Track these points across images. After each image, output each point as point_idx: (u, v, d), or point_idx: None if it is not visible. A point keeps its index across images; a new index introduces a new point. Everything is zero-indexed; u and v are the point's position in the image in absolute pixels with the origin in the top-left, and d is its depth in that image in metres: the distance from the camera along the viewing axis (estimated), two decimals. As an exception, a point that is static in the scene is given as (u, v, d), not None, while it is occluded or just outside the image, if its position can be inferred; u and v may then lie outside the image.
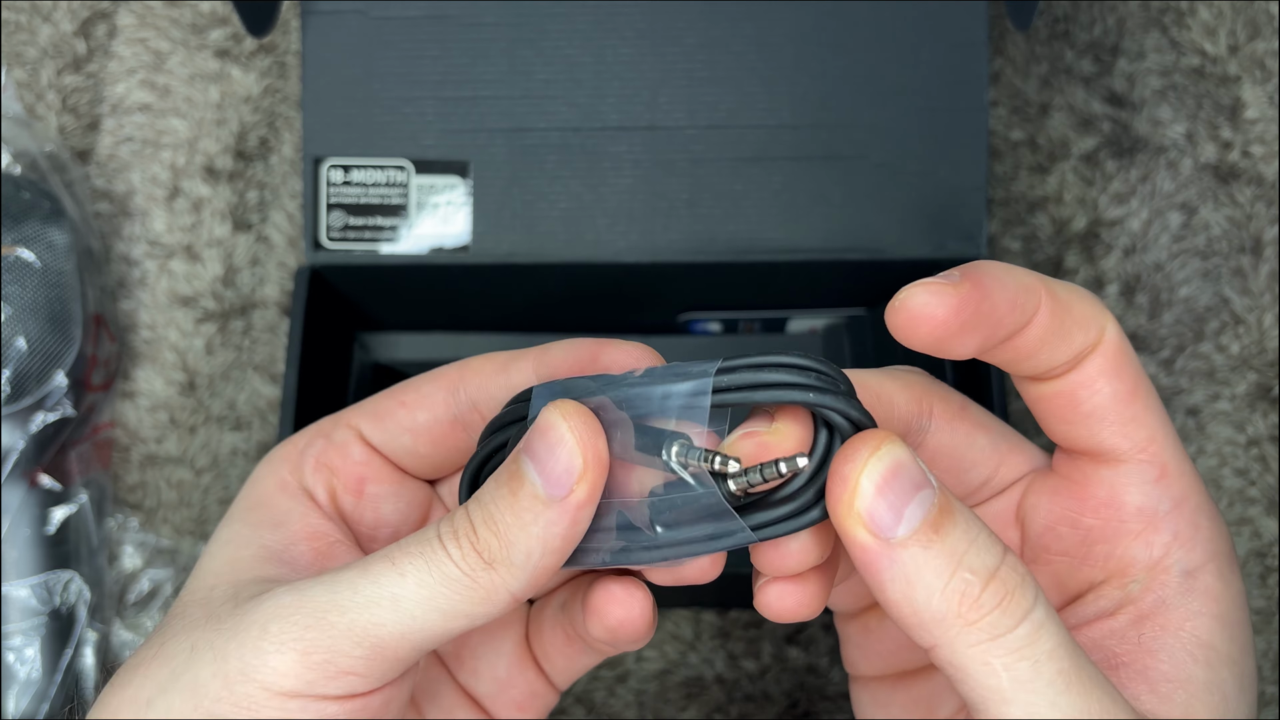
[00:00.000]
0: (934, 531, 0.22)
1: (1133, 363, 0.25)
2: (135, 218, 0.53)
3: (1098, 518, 0.26)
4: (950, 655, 0.22)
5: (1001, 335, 0.24)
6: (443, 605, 0.23)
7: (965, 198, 0.45)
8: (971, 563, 0.22)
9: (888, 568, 0.22)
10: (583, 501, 0.23)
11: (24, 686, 0.45)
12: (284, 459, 0.28)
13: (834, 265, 0.45)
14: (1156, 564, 0.25)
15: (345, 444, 0.28)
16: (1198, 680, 0.24)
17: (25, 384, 0.46)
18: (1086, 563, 0.26)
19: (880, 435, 0.22)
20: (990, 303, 0.23)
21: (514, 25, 0.45)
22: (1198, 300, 0.51)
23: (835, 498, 0.22)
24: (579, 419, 0.23)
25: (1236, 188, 0.52)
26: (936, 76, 0.45)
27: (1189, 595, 0.25)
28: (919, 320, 0.23)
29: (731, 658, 0.48)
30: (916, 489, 0.22)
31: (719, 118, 0.45)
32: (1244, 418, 0.50)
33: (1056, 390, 0.25)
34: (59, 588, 0.46)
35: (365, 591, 0.23)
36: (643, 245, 0.45)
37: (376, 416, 0.28)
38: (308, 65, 0.45)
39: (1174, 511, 0.25)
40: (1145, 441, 0.25)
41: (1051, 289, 0.24)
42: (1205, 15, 0.54)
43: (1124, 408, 0.25)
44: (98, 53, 0.55)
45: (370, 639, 0.23)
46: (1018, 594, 0.22)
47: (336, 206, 0.46)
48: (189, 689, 0.23)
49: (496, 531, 0.23)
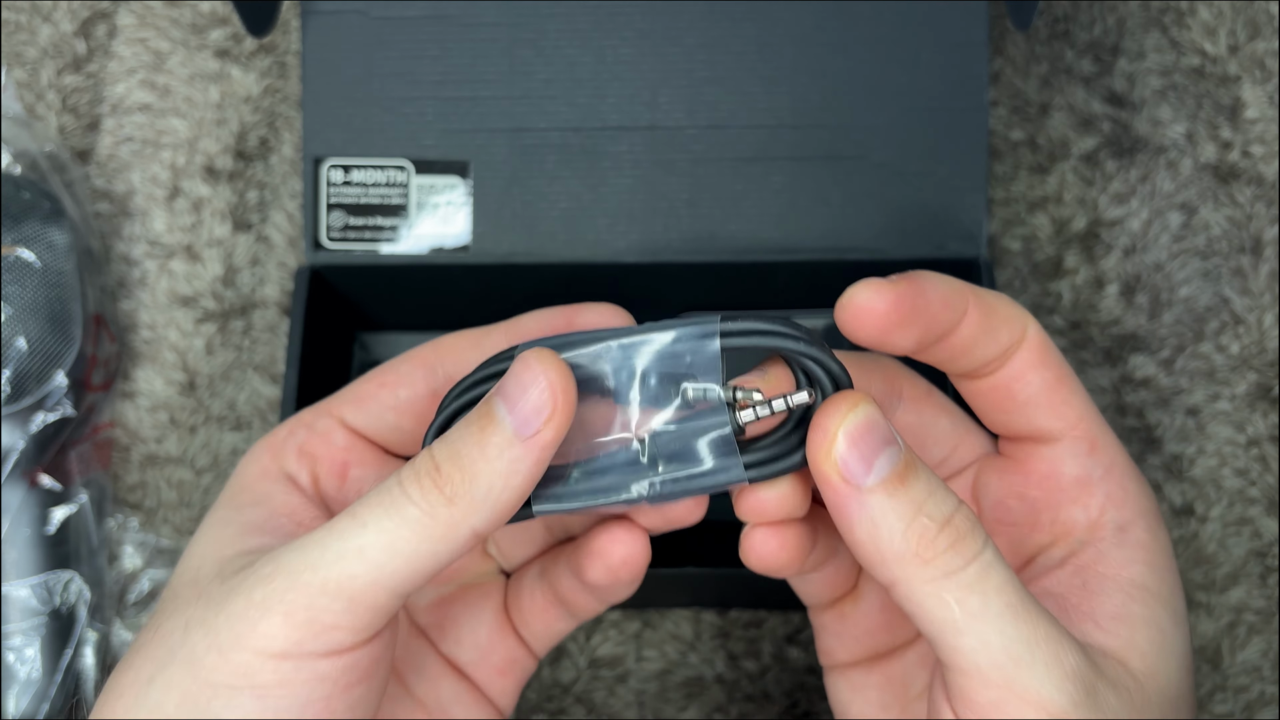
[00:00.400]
0: (899, 481, 0.24)
1: (1055, 353, 0.29)
2: (135, 218, 0.53)
3: (1041, 490, 0.29)
4: (908, 591, 0.25)
5: (937, 331, 0.27)
6: (405, 548, 0.24)
7: (965, 198, 0.45)
8: (930, 510, 0.24)
9: (856, 510, 0.24)
10: (548, 441, 0.24)
11: (24, 686, 0.45)
12: (266, 448, 0.30)
13: (834, 265, 0.45)
14: (1094, 523, 0.28)
15: (328, 432, 0.30)
16: (1136, 616, 0.27)
17: (25, 384, 0.46)
18: (1035, 529, 0.29)
19: (856, 395, 0.25)
20: (924, 300, 0.26)
21: (514, 25, 0.45)
22: (1198, 300, 0.51)
23: (815, 445, 0.25)
24: (551, 363, 0.24)
25: (1236, 188, 0.52)
26: (936, 76, 0.45)
27: (1123, 546, 0.28)
28: (862, 314, 0.26)
29: (731, 658, 0.48)
30: (885, 444, 0.25)
31: (719, 118, 0.45)
32: (1244, 418, 0.50)
33: (991, 385, 0.29)
34: (59, 588, 0.46)
35: (333, 547, 0.24)
36: (643, 245, 0.45)
37: (358, 401, 0.30)
38: (308, 65, 0.46)
39: (1105, 477, 0.29)
40: (1075, 420, 0.29)
41: (977, 293, 0.28)
42: (1205, 15, 0.54)
43: (1053, 394, 0.28)
44: (98, 53, 0.55)
45: (345, 592, 0.24)
46: (969, 537, 0.24)
47: (336, 206, 0.46)
48: (186, 663, 0.24)
49: (461, 466, 0.24)
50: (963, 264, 0.45)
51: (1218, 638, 0.47)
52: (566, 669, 0.48)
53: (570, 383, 0.24)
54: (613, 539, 0.28)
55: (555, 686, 0.47)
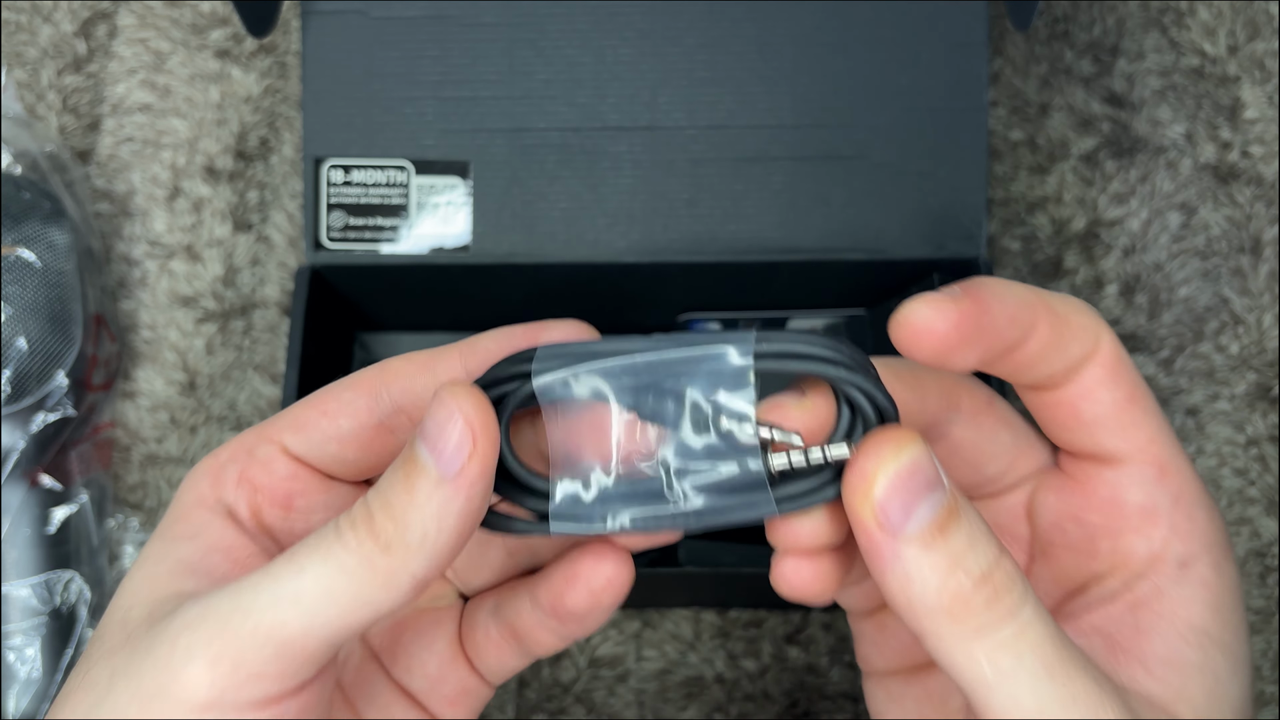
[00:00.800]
0: (939, 532, 0.23)
1: (1129, 369, 0.26)
2: (135, 218, 0.53)
3: (1101, 515, 0.27)
4: (937, 645, 0.23)
5: (1001, 349, 0.25)
6: (342, 597, 0.23)
7: (965, 198, 0.45)
8: (968, 564, 0.23)
9: (891, 559, 0.23)
10: (474, 478, 0.23)
11: (24, 686, 0.45)
12: (204, 473, 0.28)
13: (834, 265, 0.45)
14: (1155, 555, 0.26)
15: (269, 460, 0.28)
16: (1190, 662, 0.25)
17: (26, 384, 0.46)
18: (1090, 556, 0.27)
19: (903, 434, 0.23)
20: (989, 317, 0.24)
21: (514, 25, 0.45)
22: (1197, 300, 0.51)
23: (852, 487, 0.23)
24: (465, 397, 0.23)
25: (1236, 188, 0.52)
26: (936, 76, 0.45)
27: (1183, 584, 0.26)
28: (921, 335, 0.24)
29: (731, 657, 0.48)
30: (929, 489, 0.23)
31: (719, 118, 0.46)
32: (1243, 418, 0.50)
33: (1058, 400, 0.27)
34: (59, 587, 0.46)
35: (268, 592, 0.23)
36: (643, 245, 0.45)
37: (299, 427, 0.28)
38: (308, 65, 0.46)
39: (1172, 507, 0.26)
40: (1145, 444, 0.26)
41: (1049, 303, 0.25)
42: (1205, 15, 0.54)
43: (1123, 414, 0.26)
44: (98, 53, 0.55)
45: (275, 639, 0.23)
46: (1005, 595, 0.23)
47: (337, 206, 0.46)
48: (111, 713, 0.23)
49: (391, 515, 0.23)
50: (962, 264, 0.45)
51: (1217, 637, 0.47)
52: (566, 669, 0.48)
53: (488, 415, 0.23)
54: (598, 559, 0.27)
55: (555, 686, 0.47)
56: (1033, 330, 0.25)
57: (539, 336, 0.27)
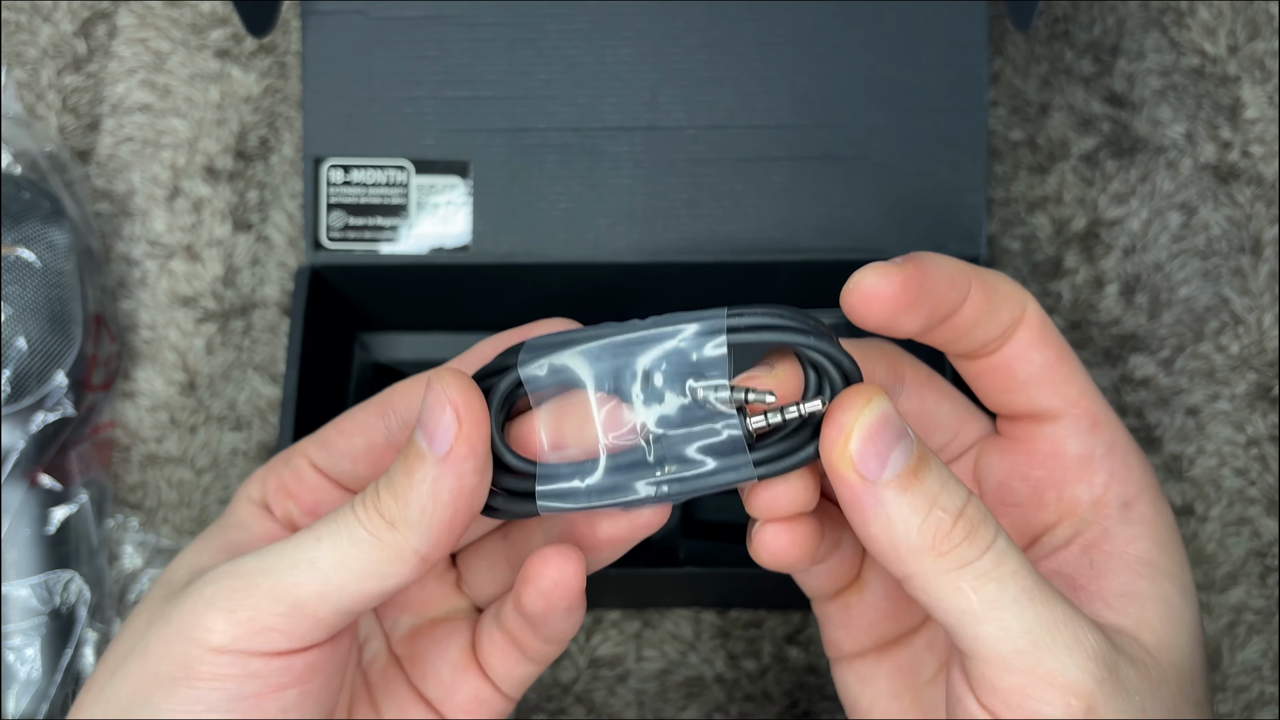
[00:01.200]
0: (913, 476, 0.25)
1: (1055, 332, 0.29)
2: (135, 218, 0.53)
3: (1044, 468, 0.29)
4: (924, 584, 0.25)
5: (942, 312, 0.27)
6: (354, 565, 0.26)
7: (965, 198, 0.45)
8: (943, 502, 0.25)
9: (871, 506, 0.25)
10: (463, 455, 0.25)
11: (24, 686, 0.45)
12: (256, 480, 0.32)
13: (834, 265, 0.45)
14: (1098, 500, 0.29)
15: (300, 471, 0.31)
16: (1145, 593, 0.27)
17: (25, 384, 0.46)
18: (1039, 508, 0.30)
19: (870, 389, 0.25)
20: (930, 282, 0.26)
21: (514, 25, 0.45)
22: (1197, 300, 0.51)
23: (830, 442, 0.25)
24: (452, 382, 0.25)
25: (1236, 188, 0.52)
26: (936, 76, 0.45)
27: (1128, 523, 0.28)
28: (871, 299, 0.26)
29: (731, 657, 0.48)
30: (898, 439, 0.25)
31: (719, 118, 0.46)
32: (1244, 418, 0.50)
33: (992, 365, 0.29)
34: (59, 588, 0.46)
35: (288, 556, 0.26)
36: (643, 245, 0.45)
37: (322, 445, 0.31)
38: (308, 65, 0.46)
39: (1108, 454, 0.29)
40: (1076, 397, 0.29)
41: (979, 272, 0.28)
42: (1205, 15, 0.54)
43: (1054, 372, 0.29)
44: (98, 53, 0.55)
45: (290, 598, 0.26)
46: (981, 528, 0.25)
47: (337, 206, 0.46)
48: (142, 654, 0.27)
49: (395, 494, 0.26)
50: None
51: (1218, 638, 0.47)
52: (566, 669, 0.48)
53: (473, 397, 0.25)
54: (544, 562, 0.28)
55: (555, 686, 0.47)
56: (966, 297, 0.27)
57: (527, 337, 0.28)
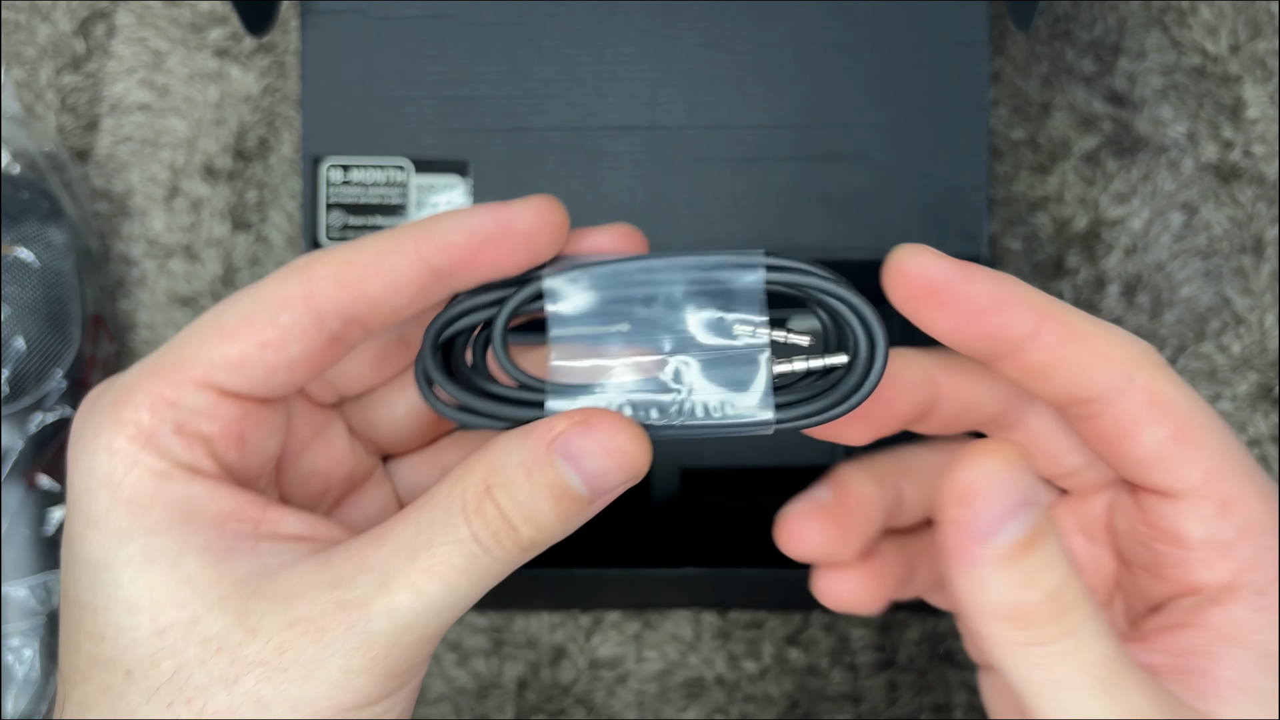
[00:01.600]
0: (1022, 550, 0.23)
1: (1177, 404, 0.25)
2: (134, 217, 0.53)
3: (1166, 544, 0.27)
4: (994, 648, 0.23)
5: (989, 333, 0.25)
6: (484, 586, 0.24)
7: (966, 198, 0.45)
8: (1040, 581, 0.23)
9: (967, 566, 0.23)
10: (619, 491, 0.24)
11: (23, 686, 0.45)
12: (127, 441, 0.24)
13: (834, 265, 0.45)
14: (1225, 586, 0.26)
15: (211, 407, 0.24)
16: (1261, 689, 0.25)
17: (24, 384, 0.46)
18: (1161, 579, 0.27)
19: (1008, 450, 0.23)
20: (968, 287, 0.25)
21: (514, 25, 0.45)
22: (1199, 300, 0.51)
23: (947, 492, 0.23)
24: (626, 435, 0.24)
25: (1238, 187, 0.52)
26: (936, 76, 0.45)
27: (1258, 610, 0.26)
28: (893, 274, 0.25)
29: (732, 658, 0.47)
30: (1020, 508, 0.23)
31: (719, 118, 0.45)
32: (1245, 418, 0.50)
33: (1097, 433, 0.26)
34: (58, 588, 0.46)
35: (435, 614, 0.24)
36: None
37: (236, 366, 0.24)
38: (307, 65, 0.45)
39: (1239, 540, 0.26)
40: (1201, 481, 0.26)
41: (1066, 318, 0.25)
42: (1206, 14, 0.54)
43: (1172, 453, 0.26)
44: (96, 52, 0.55)
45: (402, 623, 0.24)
46: (1069, 612, 0.23)
47: (336, 206, 0.46)
48: None
49: (538, 528, 0.24)
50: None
51: (1218, 638, 0.47)
52: (566, 669, 0.47)
53: (645, 446, 0.24)
54: None
55: (555, 687, 0.47)
56: (1035, 334, 0.25)
57: (509, 219, 0.26)
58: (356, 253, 0.25)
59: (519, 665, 0.48)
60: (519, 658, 0.48)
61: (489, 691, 0.48)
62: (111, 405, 0.24)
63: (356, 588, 0.23)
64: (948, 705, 0.47)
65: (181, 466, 0.24)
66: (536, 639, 0.48)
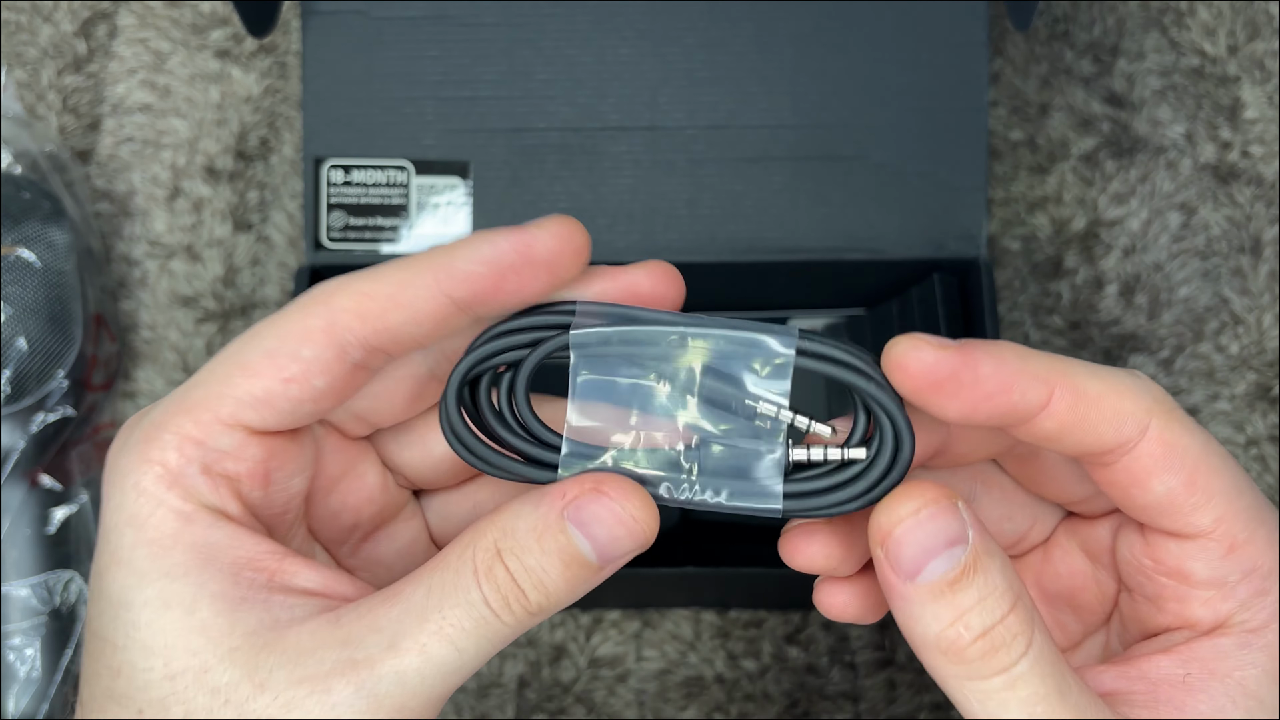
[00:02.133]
0: (948, 587, 0.23)
1: (1188, 450, 0.25)
2: (135, 218, 0.53)
3: (1169, 579, 0.27)
4: (934, 674, 0.24)
5: (1003, 412, 0.25)
6: (492, 650, 0.24)
7: (965, 198, 0.45)
8: (969, 619, 0.23)
9: (898, 599, 0.24)
10: (628, 559, 0.24)
11: (24, 686, 0.45)
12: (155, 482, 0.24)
13: (834, 265, 0.45)
14: (1221, 622, 0.26)
15: (238, 448, 0.25)
16: None
17: (26, 384, 0.46)
18: (1160, 610, 0.27)
19: (930, 491, 0.24)
20: (974, 373, 0.24)
21: (514, 25, 0.45)
22: (1197, 300, 0.51)
23: (874, 527, 0.24)
24: (637, 505, 0.24)
25: (1236, 188, 0.52)
26: (936, 76, 0.45)
27: (1246, 648, 0.26)
28: (896, 369, 0.24)
29: (731, 657, 0.48)
30: (949, 545, 0.23)
31: (719, 118, 0.46)
32: (1243, 418, 0.50)
33: (1109, 479, 0.26)
34: (59, 587, 0.46)
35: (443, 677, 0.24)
36: (643, 245, 0.45)
37: (262, 403, 0.25)
38: (308, 65, 0.46)
39: (1242, 581, 0.26)
40: (1210, 525, 0.26)
41: (1074, 380, 0.25)
42: (1205, 16, 0.54)
43: (1183, 500, 0.26)
44: (98, 53, 0.55)
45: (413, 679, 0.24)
46: (1002, 650, 0.24)
47: (337, 207, 0.46)
48: None
49: (547, 594, 0.24)
50: (962, 264, 0.45)
51: (1217, 637, 0.47)
52: (566, 669, 0.48)
53: (654, 516, 0.24)
54: None
55: (555, 686, 0.47)
56: (1045, 404, 0.25)
57: (529, 246, 0.24)
58: (376, 284, 0.25)
59: (519, 664, 0.48)
60: (519, 656, 0.48)
61: (489, 690, 0.48)
62: (141, 443, 0.25)
63: (365, 648, 0.23)
64: (947, 704, 0.47)
65: (206, 508, 0.25)
66: (536, 638, 0.48)
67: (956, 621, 0.23)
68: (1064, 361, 0.25)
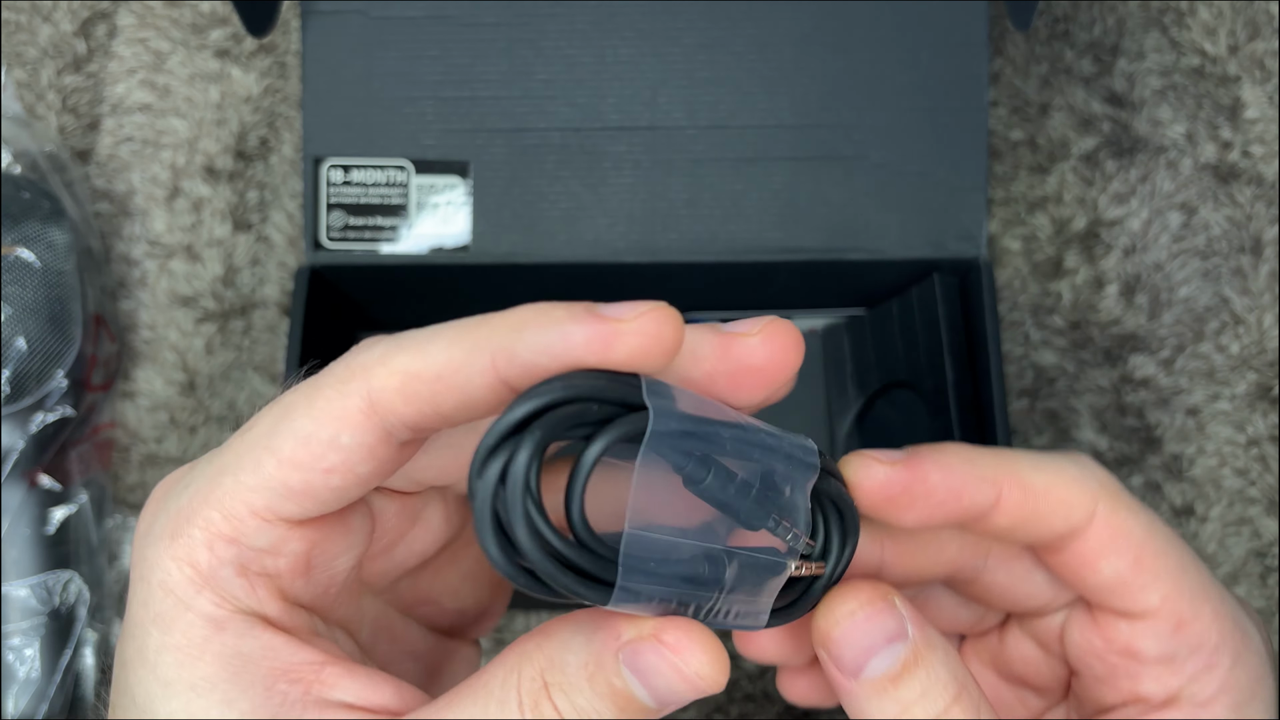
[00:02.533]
0: (890, 683, 0.24)
1: (1134, 532, 0.27)
2: (135, 218, 0.53)
3: (1119, 658, 0.28)
4: None
5: (957, 515, 0.26)
6: None
7: (965, 198, 0.45)
8: (914, 711, 0.24)
9: (845, 695, 0.25)
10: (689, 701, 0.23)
11: (23, 686, 0.45)
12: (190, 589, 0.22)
13: (834, 265, 0.45)
14: (1172, 697, 0.27)
15: (278, 544, 0.23)
16: None
17: (25, 384, 0.46)
18: (1112, 689, 0.28)
19: (871, 589, 0.24)
20: (925, 486, 0.25)
21: (514, 25, 0.45)
22: (1198, 300, 0.51)
23: (815, 630, 0.25)
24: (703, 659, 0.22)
25: (1236, 188, 0.52)
26: (936, 76, 0.45)
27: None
28: (854, 487, 0.25)
29: (731, 657, 0.48)
30: (889, 641, 0.24)
31: (719, 118, 0.45)
32: (1244, 418, 0.50)
33: (1059, 564, 0.27)
34: (59, 588, 0.46)
35: None
36: (643, 245, 0.45)
37: (301, 495, 0.22)
38: (308, 65, 0.45)
39: (1190, 656, 0.27)
40: (1158, 603, 0.27)
41: (1020, 476, 0.26)
42: (1205, 15, 0.54)
43: (1130, 580, 0.27)
44: (98, 53, 0.55)
45: None
46: None
47: (336, 206, 0.46)
48: None
49: None
50: (962, 264, 0.45)
51: (1218, 638, 0.47)
52: (566, 669, 0.48)
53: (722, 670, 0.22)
54: None
55: (555, 686, 0.47)
56: (996, 502, 0.26)
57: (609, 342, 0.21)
58: (423, 360, 0.22)
59: (519, 665, 0.48)
60: (519, 657, 0.48)
61: (489, 691, 0.48)
62: (168, 537, 0.23)
63: None
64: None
65: (241, 612, 0.23)
66: (537, 638, 0.48)
67: (902, 714, 0.24)
68: (1009, 458, 0.26)
